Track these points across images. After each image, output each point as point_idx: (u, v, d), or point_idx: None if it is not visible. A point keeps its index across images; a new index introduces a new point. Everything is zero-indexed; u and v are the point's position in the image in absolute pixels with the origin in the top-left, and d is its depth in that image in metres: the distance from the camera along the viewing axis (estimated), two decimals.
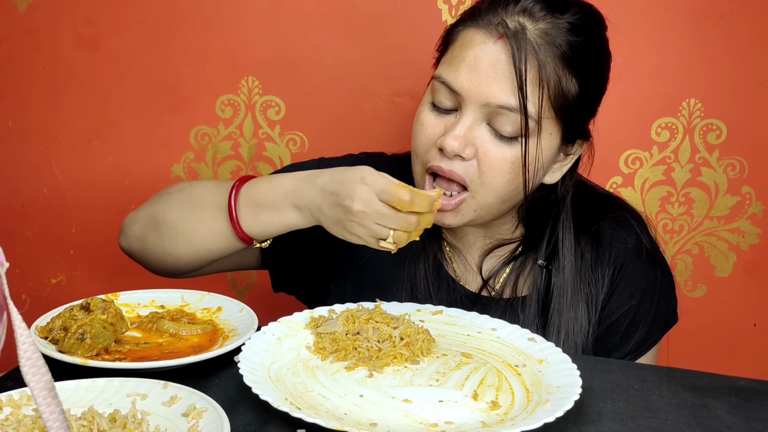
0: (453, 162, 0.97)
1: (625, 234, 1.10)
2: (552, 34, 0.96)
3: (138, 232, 1.06)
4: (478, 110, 0.96)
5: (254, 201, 0.97)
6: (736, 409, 0.82)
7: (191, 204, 1.02)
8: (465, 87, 0.96)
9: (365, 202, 0.87)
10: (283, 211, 0.95)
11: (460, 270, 1.13)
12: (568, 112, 0.99)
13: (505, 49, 0.95)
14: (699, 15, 1.38)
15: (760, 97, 1.39)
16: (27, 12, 1.52)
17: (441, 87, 0.98)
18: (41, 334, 0.87)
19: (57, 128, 1.57)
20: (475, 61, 0.96)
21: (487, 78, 0.95)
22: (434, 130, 1.00)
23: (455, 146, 0.95)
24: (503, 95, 0.95)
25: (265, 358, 0.85)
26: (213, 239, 1.00)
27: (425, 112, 1.01)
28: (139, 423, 0.69)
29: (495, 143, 0.97)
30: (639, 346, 1.09)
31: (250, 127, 1.52)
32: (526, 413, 0.76)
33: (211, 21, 1.48)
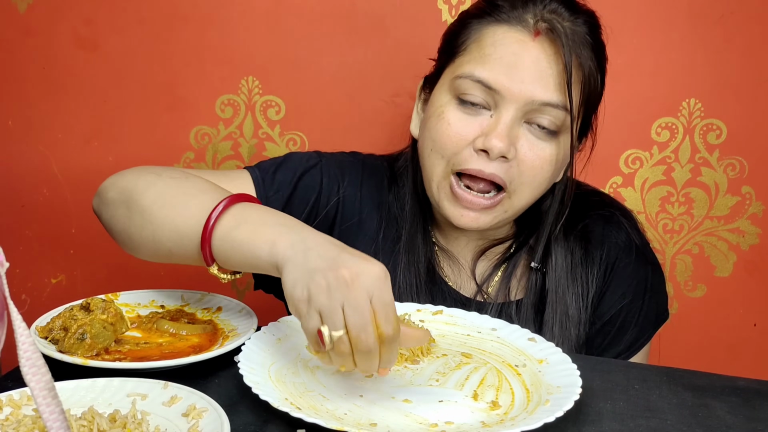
0: (494, 163, 0.96)
1: (615, 232, 1.10)
2: (580, 32, 0.97)
3: (110, 200, 0.94)
4: (518, 108, 0.95)
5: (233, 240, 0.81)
6: (736, 409, 0.82)
7: (173, 198, 0.88)
8: (506, 85, 0.94)
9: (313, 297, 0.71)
10: (260, 264, 0.79)
11: (453, 274, 1.12)
12: (592, 108, 1.02)
13: (545, 47, 0.95)
14: (699, 15, 1.38)
15: (760, 97, 1.39)
16: (27, 12, 1.52)
17: (473, 85, 0.96)
18: (41, 334, 0.87)
19: (57, 128, 1.57)
20: (515, 59, 0.94)
21: (529, 76, 0.94)
22: (466, 129, 0.97)
23: (501, 147, 0.94)
24: (547, 92, 0.94)
25: (265, 358, 0.85)
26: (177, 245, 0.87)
27: (451, 111, 0.98)
28: (139, 423, 0.69)
29: (535, 142, 0.97)
30: (631, 345, 1.09)
31: (250, 127, 1.52)
32: (526, 413, 0.76)
33: (210, 21, 1.48)
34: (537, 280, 1.08)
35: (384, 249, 1.10)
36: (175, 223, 0.86)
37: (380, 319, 0.71)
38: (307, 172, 1.10)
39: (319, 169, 1.11)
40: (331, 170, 1.12)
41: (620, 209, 1.14)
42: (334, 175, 1.11)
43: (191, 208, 0.85)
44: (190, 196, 0.87)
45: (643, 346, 1.11)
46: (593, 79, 0.98)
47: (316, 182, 1.10)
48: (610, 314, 1.08)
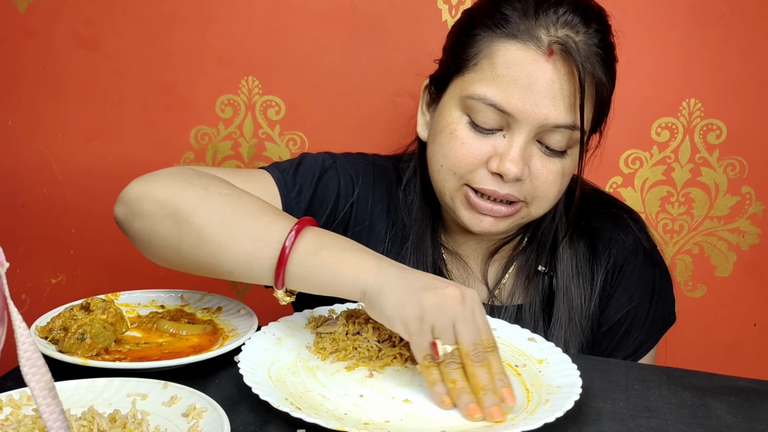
0: (509, 185, 0.96)
1: (623, 234, 1.09)
2: (593, 44, 0.94)
3: (148, 213, 0.89)
4: (531, 131, 0.94)
5: (311, 265, 0.81)
6: (736, 409, 0.82)
7: (233, 219, 0.85)
8: (520, 109, 0.93)
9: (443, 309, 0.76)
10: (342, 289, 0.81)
11: (461, 277, 1.12)
12: (601, 117, 1.01)
13: (558, 66, 0.92)
14: (699, 15, 1.38)
15: (760, 97, 1.39)
16: (27, 12, 1.52)
17: (486, 108, 0.94)
18: (41, 334, 0.87)
19: (57, 128, 1.57)
20: (529, 82, 0.92)
21: (543, 98, 0.92)
22: (480, 150, 0.96)
23: (516, 172, 0.94)
24: (561, 115, 0.93)
25: (265, 358, 0.85)
26: (242, 268, 0.85)
27: (463, 130, 0.97)
28: (139, 423, 0.69)
29: (546, 159, 0.97)
30: (638, 348, 1.09)
31: (250, 127, 1.52)
32: (526, 413, 0.76)
33: (210, 21, 1.48)
34: (544, 282, 1.08)
35: (391, 251, 1.09)
36: (242, 246, 0.84)
37: (484, 334, 0.78)
38: (325, 173, 1.09)
39: (335, 170, 1.10)
40: (347, 171, 1.11)
41: (627, 211, 1.14)
42: (350, 177, 1.11)
43: (259, 231, 0.84)
44: (252, 218, 0.85)
45: (650, 350, 1.10)
46: (605, 89, 0.97)
47: (335, 184, 1.09)
48: (617, 317, 1.08)
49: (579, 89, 0.92)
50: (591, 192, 1.15)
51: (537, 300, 1.07)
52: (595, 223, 1.10)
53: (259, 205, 0.88)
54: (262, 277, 0.84)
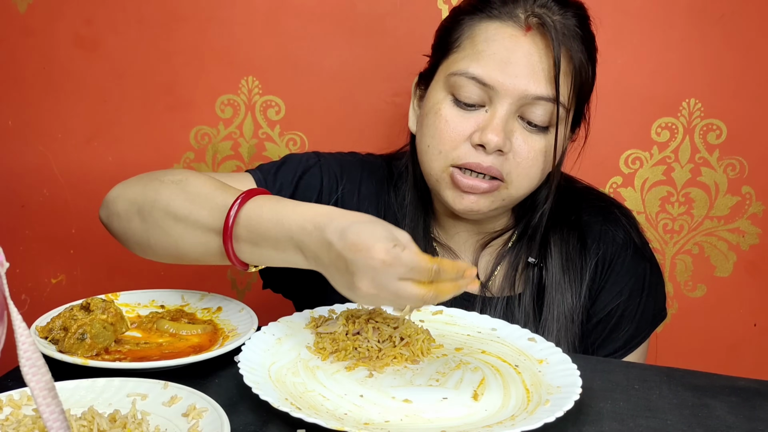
0: (491, 157, 0.98)
1: (613, 228, 1.10)
2: (569, 25, 0.98)
3: (121, 213, 0.93)
4: (512, 103, 0.97)
5: (254, 233, 0.82)
6: (736, 409, 0.82)
7: (184, 206, 0.87)
8: (500, 81, 0.96)
9: (378, 286, 0.73)
10: (286, 251, 0.81)
11: None
12: (583, 100, 1.03)
13: (536, 41, 0.96)
14: (699, 15, 1.38)
15: (760, 97, 1.39)
16: (27, 12, 1.52)
17: (468, 82, 0.98)
18: (41, 334, 0.87)
19: (57, 128, 1.57)
20: (508, 55, 0.96)
21: (522, 70, 0.96)
22: (463, 125, 0.99)
23: (498, 141, 0.96)
24: (540, 86, 0.96)
25: (265, 358, 0.85)
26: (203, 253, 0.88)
27: (447, 108, 1.00)
28: (139, 423, 0.69)
29: (528, 135, 0.99)
30: (628, 342, 1.10)
31: (250, 127, 1.52)
32: (526, 413, 0.76)
33: (210, 21, 1.48)
34: (535, 274, 1.09)
35: None
36: (195, 235, 0.86)
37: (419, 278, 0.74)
38: (308, 171, 1.11)
39: (318, 168, 1.12)
40: (331, 169, 1.13)
41: (618, 207, 1.15)
42: (334, 174, 1.12)
43: (204, 223, 0.85)
44: (199, 204, 0.86)
45: (640, 345, 1.11)
46: (584, 70, 1.00)
47: (317, 181, 1.11)
48: (607, 311, 1.09)
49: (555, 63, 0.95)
50: (583, 188, 1.16)
51: (528, 292, 1.08)
52: (586, 217, 1.11)
53: (203, 188, 0.88)
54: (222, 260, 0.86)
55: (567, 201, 1.11)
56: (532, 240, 1.10)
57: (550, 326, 1.06)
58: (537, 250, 1.09)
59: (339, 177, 1.12)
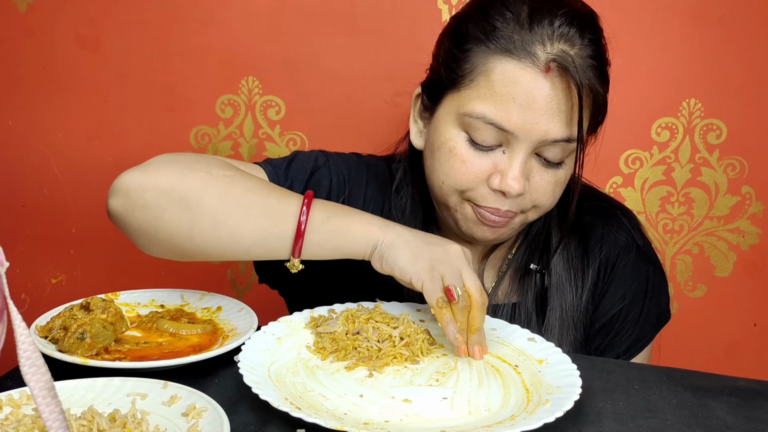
0: (509, 200, 0.96)
1: (615, 231, 1.10)
2: (588, 55, 0.93)
3: (152, 202, 0.88)
4: (530, 146, 0.94)
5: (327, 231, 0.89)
6: (736, 409, 0.82)
7: (245, 198, 0.89)
8: (519, 127, 0.92)
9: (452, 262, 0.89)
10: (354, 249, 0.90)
11: None
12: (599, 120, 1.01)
13: (555, 82, 0.92)
14: (699, 15, 1.38)
15: (760, 97, 1.40)
16: (27, 12, 1.52)
17: (486, 126, 0.94)
18: (41, 333, 0.87)
19: (57, 128, 1.57)
20: (528, 100, 0.91)
21: (542, 116, 0.92)
22: (481, 167, 0.96)
23: (518, 188, 0.94)
24: (559, 130, 0.93)
25: (265, 357, 0.85)
26: (260, 243, 0.89)
27: (463, 148, 0.96)
28: (139, 423, 0.69)
29: (544, 171, 0.97)
30: (632, 346, 1.09)
31: (250, 127, 1.52)
32: (526, 413, 0.76)
33: (211, 21, 1.48)
34: (537, 280, 1.08)
35: None
36: (259, 223, 0.89)
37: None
38: (318, 170, 1.09)
39: (327, 168, 1.10)
40: (339, 170, 1.11)
41: (621, 208, 1.14)
42: (342, 175, 1.11)
43: (272, 207, 0.90)
44: (262, 196, 0.90)
45: (644, 348, 1.11)
46: (600, 96, 0.97)
47: (327, 181, 1.10)
48: (610, 315, 1.08)
49: (578, 104, 0.92)
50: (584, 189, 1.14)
51: (530, 298, 1.08)
52: (587, 219, 1.10)
53: (264, 183, 0.94)
54: (281, 248, 0.90)
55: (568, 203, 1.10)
56: (535, 246, 1.09)
57: (552, 331, 1.05)
58: (540, 256, 1.08)
59: (347, 178, 1.11)
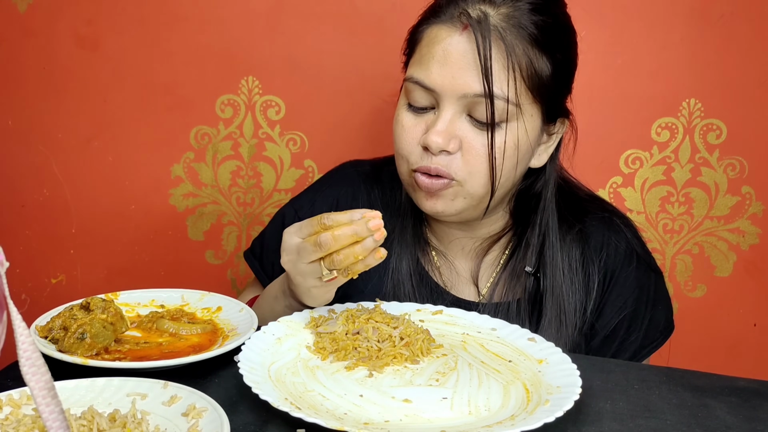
0: (438, 158, 0.98)
1: (615, 238, 1.09)
2: (516, 17, 0.96)
3: None
4: (455, 103, 0.97)
5: None
6: (736, 409, 0.82)
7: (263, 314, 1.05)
8: (439, 82, 0.96)
9: (285, 250, 0.90)
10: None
11: (447, 276, 1.12)
12: (545, 92, 0.99)
13: (471, 38, 0.95)
14: (699, 15, 1.38)
15: (760, 97, 1.40)
16: (27, 12, 1.52)
17: (415, 87, 0.99)
18: (41, 333, 0.87)
19: (57, 128, 1.57)
20: (444, 56, 0.96)
21: (459, 70, 0.95)
22: (415, 130, 1.00)
23: (439, 142, 0.96)
24: (478, 84, 0.95)
25: (265, 357, 0.85)
26: None
27: (402, 113, 1.02)
28: (139, 423, 0.69)
29: (477, 132, 0.98)
30: (635, 354, 1.08)
31: (250, 127, 1.52)
32: (526, 413, 0.76)
33: (211, 21, 1.48)
34: (532, 282, 1.08)
35: None
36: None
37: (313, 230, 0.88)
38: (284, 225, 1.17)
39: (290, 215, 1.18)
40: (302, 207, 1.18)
41: (620, 216, 1.13)
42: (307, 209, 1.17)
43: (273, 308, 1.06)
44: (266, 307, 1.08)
45: (646, 358, 1.09)
46: (530, 65, 0.97)
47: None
48: (613, 324, 1.07)
49: (487, 59, 0.94)
50: (585, 196, 1.14)
51: (524, 301, 1.07)
52: (588, 227, 1.09)
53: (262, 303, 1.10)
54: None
55: (569, 210, 1.10)
56: (530, 248, 1.08)
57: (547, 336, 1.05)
58: (534, 259, 1.08)
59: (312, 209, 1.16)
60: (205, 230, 1.58)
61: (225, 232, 1.58)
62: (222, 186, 1.56)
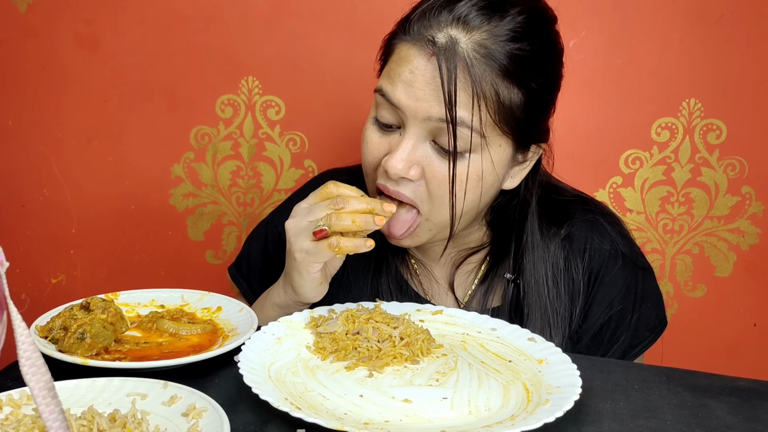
0: (399, 184, 0.95)
1: (598, 239, 1.07)
2: (488, 47, 0.91)
3: None
4: (419, 126, 0.93)
5: None
6: (736, 410, 0.82)
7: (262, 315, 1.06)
8: (403, 102, 0.93)
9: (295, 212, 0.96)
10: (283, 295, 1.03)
11: (428, 285, 1.12)
12: (515, 123, 0.95)
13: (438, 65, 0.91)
14: (699, 15, 1.38)
15: (760, 97, 1.39)
16: (27, 12, 1.52)
17: (382, 101, 0.96)
18: (41, 333, 0.87)
19: (57, 128, 1.57)
20: (411, 78, 0.93)
21: (424, 93, 0.92)
22: (379, 148, 0.97)
23: (399, 168, 0.93)
24: (441, 110, 0.91)
25: (265, 357, 0.85)
26: None
27: (369, 128, 0.99)
28: (139, 423, 0.69)
29: (441, 160, 0.94)
30: (625, 354, 1.06)
31: (250, 127, 1.52)
32: (526, 413, 0.76)
33: (211, 21, 1.48)
34: (512, 289, 1.06)
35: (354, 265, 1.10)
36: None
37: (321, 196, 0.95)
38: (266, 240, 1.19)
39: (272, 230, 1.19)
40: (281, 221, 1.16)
41: (604, 214, 1.10)
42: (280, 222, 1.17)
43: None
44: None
45: (638, 356, 1.08)
46: (497, 95, 0.92)
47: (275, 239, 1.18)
48: (599, 325, 1.06)
49: (449, 86, 0.90)
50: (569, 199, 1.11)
51: (505, 308, 1.06)
52: (571, 231, 1.07)
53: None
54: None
55: (551, 214, 1.08)
56: (508, 255, 1.07)
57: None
58: (514, 266, 1.06)
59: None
60: (205, 230, 1.58)
61: (225, 232, 1.58)
62: (222, 186, 1.56)
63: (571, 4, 1.37)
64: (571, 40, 1.37)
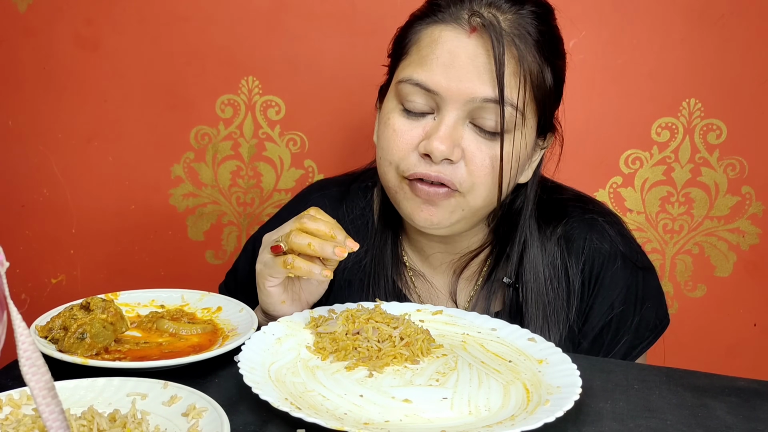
0: (440, 166, 0.94)
1: (597, 240, 1.06)
2: (523, 24, 0.94)
3: None
4: (460, 108, 0.93)
5: None
6: (736, 409, 0.82)
7: None
8: (444, 85, 0.93)
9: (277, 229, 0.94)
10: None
11: (425, 295, 1.11)
12: (546, 103, 0.98)
13: (481, 42, 0.92)
14: (699, 15, 1.38)
15: (760, 97, 1.40)
16: (27, 12, 1.52)
17: (413, 90, 0.95)
18: (41, 333, 0.87)
19: (57, 128, 1.57)
20: (451, 58, 0.93)
21: (467, 73, 0.92)
22: (411, 134, 0.96)
23: (443, 149, 0.92)
24: (486, 88, 0.92)
25: (265, 357, 0.85)
26: None
27: (395, 118, 0.97)
28: (139, 423, 0.69)
29: (481, 141, 0.94)
30: (626, 354, 1.06)
31: (250, 127, 1.52)
32: (526, 413, 0.76)
33: (211, 21, 1.48)
34: (512, 293, 1.06)
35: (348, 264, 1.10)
36: None
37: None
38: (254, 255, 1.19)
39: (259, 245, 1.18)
40: None
41: (603, 214, 1.10)
42: None
43: None
44: None
45: (640, 355, 1.08)
46: (539, 73, 0.95)
47: None
48: (600, 326, 1.06)
49: (497, 63, 0.91)
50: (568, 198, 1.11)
51: (504, 313, 1.06)
52: (569, 231, 1.07)
53: None
54: None
55: (548, 213, 1.07)
56: (508, 258, 1.06)
57: None
58: (514, 270, 1.06)
59: None
60: (205, 230, 1.58)
61: (225, 232, 1.58)
62: (222, 186, 1.56)
63: (571, 4, 1.37)
64: (571, 40, 1.37)
